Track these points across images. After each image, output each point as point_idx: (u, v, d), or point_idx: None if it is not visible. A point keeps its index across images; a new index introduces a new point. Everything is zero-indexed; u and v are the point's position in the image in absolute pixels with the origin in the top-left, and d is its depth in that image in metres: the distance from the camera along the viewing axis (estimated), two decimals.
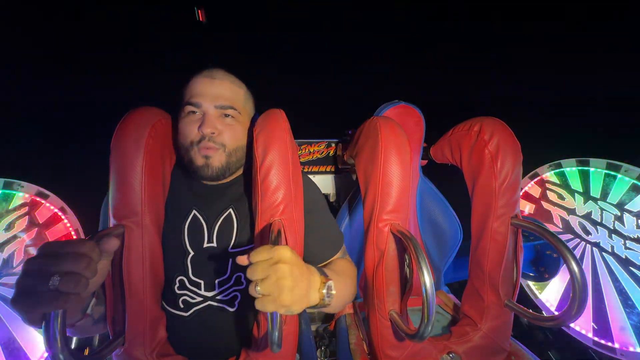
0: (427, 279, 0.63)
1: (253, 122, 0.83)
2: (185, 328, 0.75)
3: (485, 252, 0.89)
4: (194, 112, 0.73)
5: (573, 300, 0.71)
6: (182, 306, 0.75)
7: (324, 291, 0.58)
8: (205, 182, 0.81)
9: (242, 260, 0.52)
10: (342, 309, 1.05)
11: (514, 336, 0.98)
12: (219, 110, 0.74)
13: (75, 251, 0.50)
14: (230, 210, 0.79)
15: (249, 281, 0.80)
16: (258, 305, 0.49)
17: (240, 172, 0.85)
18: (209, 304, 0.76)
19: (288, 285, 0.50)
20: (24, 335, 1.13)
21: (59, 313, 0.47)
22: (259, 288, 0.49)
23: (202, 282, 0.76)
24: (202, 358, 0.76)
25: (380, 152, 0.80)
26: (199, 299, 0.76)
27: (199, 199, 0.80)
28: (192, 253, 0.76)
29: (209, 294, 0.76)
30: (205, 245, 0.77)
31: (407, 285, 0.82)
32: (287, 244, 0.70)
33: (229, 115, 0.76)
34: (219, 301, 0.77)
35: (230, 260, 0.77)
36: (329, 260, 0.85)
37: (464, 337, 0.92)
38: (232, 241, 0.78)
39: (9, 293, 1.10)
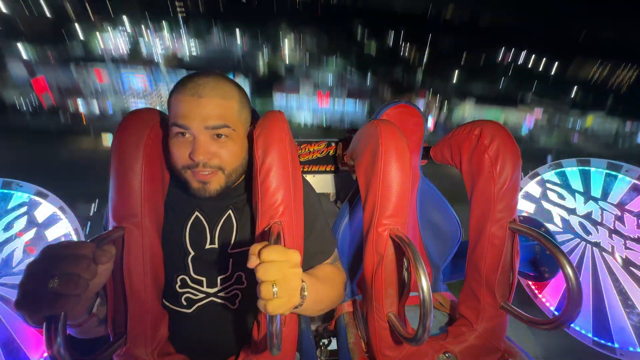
0: (425, 285, 0.64)
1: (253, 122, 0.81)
2: (187, 325, 0.77)
3: (483, 255, 0.90)
4: (182, 134, 0.68)
5: (568, 304, 0.72)
6: (184, 303, 0.77)
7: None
8: None
9: (252, 263, 0.50)
10: (320, 313, 1.06)
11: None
12: (210, 130, 0.68)
13: (75, 253, 0.51)
14: (230, 211, 0.80)
15: (250, 281, 0.79)
16: (270, 308, 0.48)
17: (241, 178, 0.84)
18: (212, 300, 0.77)
19: (299, 288, 0.53)
20: (23, 334, 1.14)
21: (60, 315, 0.48)
22: (277, 289, 0.48)
23: (204, 279, 0.77)
24: (202, 355, 0.77)
25: (381, 156, 0.80)
26: (202, 295, 0.77)
27: (200, 199, 0.79)
28: (192, 253, 0.77)
29: (212, 290, 0.77)
30: (207, 246, 0.77)
31: (405, 288, 0.82)
32: (285, 246, 0.70)
33: (222, 135, 0.70)
34: (221, 297, 0.78)
35: (231, 260, 0.78)
36: (316, 267, 0.85)
37: (459, 337, 0.93)
38: (232, 242, 0.78)
39: (8, 293, 1.10)
